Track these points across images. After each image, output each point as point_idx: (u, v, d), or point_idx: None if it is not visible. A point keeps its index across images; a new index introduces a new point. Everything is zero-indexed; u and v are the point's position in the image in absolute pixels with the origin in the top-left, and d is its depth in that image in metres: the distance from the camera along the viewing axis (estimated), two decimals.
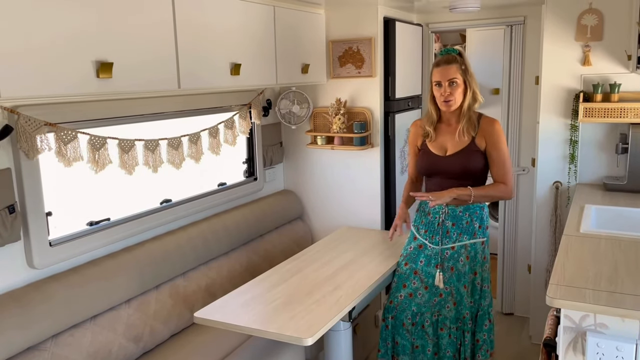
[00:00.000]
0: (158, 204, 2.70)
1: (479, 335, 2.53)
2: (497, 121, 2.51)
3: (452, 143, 2.51)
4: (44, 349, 2.03)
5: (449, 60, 2.44)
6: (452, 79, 2.41)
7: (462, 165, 2.47)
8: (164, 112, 2.61)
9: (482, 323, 2.53)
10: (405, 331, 2.61)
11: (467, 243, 2.51)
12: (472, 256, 2.51)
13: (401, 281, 2.61)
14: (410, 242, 2.64)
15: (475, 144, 2.48)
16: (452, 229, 2.52)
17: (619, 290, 1.78)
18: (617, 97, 2.94)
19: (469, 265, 2.51)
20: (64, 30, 1.80)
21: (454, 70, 2.41)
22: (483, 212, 2.54)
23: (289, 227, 3.52)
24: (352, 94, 3.39)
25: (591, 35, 3.01)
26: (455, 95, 2.43)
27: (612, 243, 2.22)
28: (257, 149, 3.35)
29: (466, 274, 2.51)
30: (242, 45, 2.66)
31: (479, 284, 2.52)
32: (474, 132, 2.47)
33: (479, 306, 2.54)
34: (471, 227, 2.51)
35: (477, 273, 2.52)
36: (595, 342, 1.70)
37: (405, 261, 2.62)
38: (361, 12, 3.26)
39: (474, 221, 2.51)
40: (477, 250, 2.52)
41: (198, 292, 2.71)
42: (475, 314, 2.54)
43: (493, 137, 2.47)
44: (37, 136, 1.96)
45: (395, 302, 2.61)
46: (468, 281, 2.51)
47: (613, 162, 3.12)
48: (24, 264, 2.08)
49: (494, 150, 2.47)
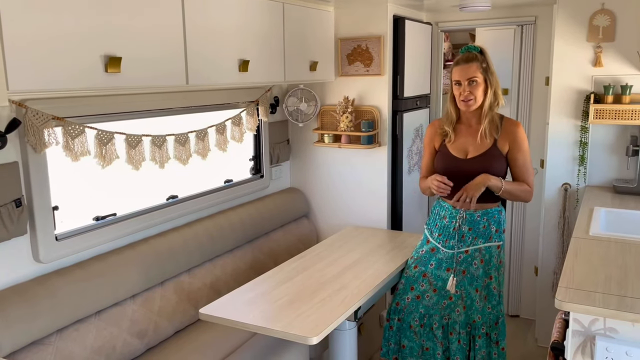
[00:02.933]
0: (164, 200, 2.70)
1: (503, 343, 2.47)
2: (520, 123, 2.45)
3: (473, 145, 2.42)
4: (49, 344, 2.03)
5: (469, 58, 2.34)
6: (472, 77, 2.33)
7: (485, 169, 2.36)
8: (171, 108, 2.61)
9: (504, 330, 2.48)
10: (412, 333, 2.57)
11: (481, 247, 2.44)
12: (486, 260, 2.44)
13: (409, 283, 2.57)
14: (423, 245, 2.58)
15: (497, 147, 2.39)
16: (468, 234, 2.44)
17: (629, 295, 1.76)
18: (628, 99, 2.91)
19: (483, 269, 2.44)
20: (72, 25, 1.79)
21: (474, 68, 2.33)
22: (501, 215, 2.46)
23: (294, 225, 3.51)
24: (360, 92, 3.37)
25: (603, 36, 2.98)
26: (475, 95, 2.34)
27: (622, 246, 2.20)
28: (264, 146, 3.34)
29: (479, 278, 2.44)
30: (251, 42, 2.65)
31: (495, 289, 2.45)
32: (496, 134, 2.39)
33: (498, 312, 2.47)
34: (487, 231, 2.43)
35: (492, 277, 2.44)
36: (604, 347, 1.68)
37: (415, 264, 2.58)
38: (370, 10, 3.24)
39: (491, 225, 2.43)
40: (492, 254, 2.44)
41: (203, 289, 2.70)
42: (495, 320, 2.47)
43: (517, 140, 2.39)
44: (45, 130, 1.96)
45: (403, 304, 2.58)
46: (481, 285, 2.45)
47: (623, 164, 3.09)
48: (29, 258, 2.08)
49: (519, 153, 2.40)
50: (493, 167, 2.39)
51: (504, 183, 2.36)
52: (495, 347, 2.48)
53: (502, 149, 2.40)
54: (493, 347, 2.48)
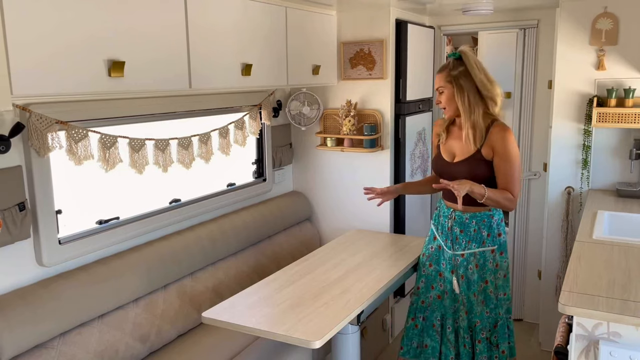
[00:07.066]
0: (167, 204, 2.70)
1: (503, 346, 2.47)
2: (508, 130, 2.35)
3: (460, 149, 2.43)
4: (52, 347, 2.03)
5: (441, 67, 2.44)
6: (438, 87, 2.42)
7: (468, 174, 2.36)
8: (174, 112, 2.61)
9: (503, 332, 2.47)
10: (435, 332, 2.57)
11: (476, 251, 2.44)
12: (481, 264, 2.44)
13: (429, 282, 2.59)
14: (431, 241, 2.61)
15: (481, 153, 2.36)
16: (461, 236, 2.45)
17: (633, 299, 1.75)
18: (631, 102, 2.91)
19: (478, 273, 2.45)
20: (76, 29, 1.80)
21: (440, 78, 2.40)
22: (492, 220, 2.43)
23: (297, 228, 3.51)
24: (363, 96, 3.37)
25: (606, 39, 2.98)
26: (444, 103, 2.41)
27: (626, 250, 2.19)
28: (267, 149, 3.35)
29: (475, 283, 2.45)
30: (254, 46, 2.65)
31: (492, 292, 2.45)
32: (480, 140, 2.35)
33: (497, 315, 2.47)
34: (479, 235, 2.43)
35: (488, 282, 2.45)
36: (608, 351, 1.67)
37: (429, 262, 2.59)
38: (373, 13, 3.24)
39: (482, 229, 2.42)
40: (486, 259, 2.44)
41: (205, 293, 2.70)
42: (494, 324, 2.47)
43: (501, 147, 2.32)
44: (49, 134, 1.97)
45: (427, 302, 2.58)
46: (477, 290, 2.45)
47: (626, 168, 3.09)
48: (33, 262, 2.08)
49: (502, 161, 2.33)
50: (476, 173, 2.36)
51: (487, 191, 2.30)
52: (495, 350, 2.47)
53: (486, 155, 2.36)
54: (494, 350, 2.48)
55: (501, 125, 2.37)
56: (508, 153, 2.33)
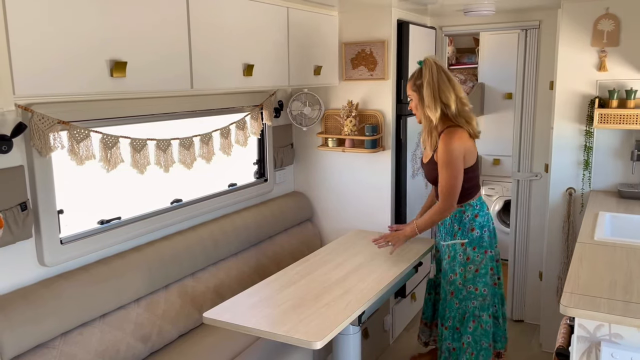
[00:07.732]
0: (168, 204, 2.70)
1: (464, 338, 2.59)
2: (449, 137, 2.47)
3: (426, 152, 2.69)
4: (53, 347, 2.03)
5: (410, 76, 2.62)
6: (408, 95, 2.63)
7: (430, 175, 2.65)
8: (176, 112, 2.61)
9: (467, 325, 2.59)
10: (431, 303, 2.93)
11: (448, 243, 2.65)
12: (452, 256, 2.62)
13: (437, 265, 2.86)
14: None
15: (434, 157, 2.58)
16: (441, 228, 2.71)
17: (635, 300, 1.75)
18: (633, 104, 2.91)
19: (449, 264, 2.63)
20: (78, 30, 1.80)
21: (408, 87, 2.60)
22: (464, 215, 2.60)
23: (298, 229, 3.51)
24: (364, 97, 3.37)
25: (607, 40, 2.98)
26: (413, 110, 2.62)
27: (627, 251, 2.19)
28: (268, 150, 3.35)
29: (446, 273, 2.65)
30: (255, 46, 2.65)
31: (460, 284, 2.59)
32: (433, 146, 2.57)
33: (465, 308, 2.60)
34: (452, 229, 2.64)
35: (457, 274, 2.60)
36: (609, 353, 1.67)
37: (437, 247, 2.85)
38: (375, 14, 3.24)
39: (454, 223, 2.62)
40: (456, 251, 2.61)
41: (207, 293, 2.71)
42: (463, 315, 2.60)
43: (439, 154, 2.52)
44: (50, 134, 1.97)
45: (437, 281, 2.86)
46: (447, 280, 2.63)
47: (628, 169, 3.08)
48: (34, 262, 2.09)
49: (439, 167, 2.54)
50: (434, 175, 2.59)
51: (417, 226, 2.64)
52: (457, 341, 2.62)
53: (437, 160, 2.55)
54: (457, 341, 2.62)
55: (447, 132, 2.51)
56: (442, 160, 2.51)
